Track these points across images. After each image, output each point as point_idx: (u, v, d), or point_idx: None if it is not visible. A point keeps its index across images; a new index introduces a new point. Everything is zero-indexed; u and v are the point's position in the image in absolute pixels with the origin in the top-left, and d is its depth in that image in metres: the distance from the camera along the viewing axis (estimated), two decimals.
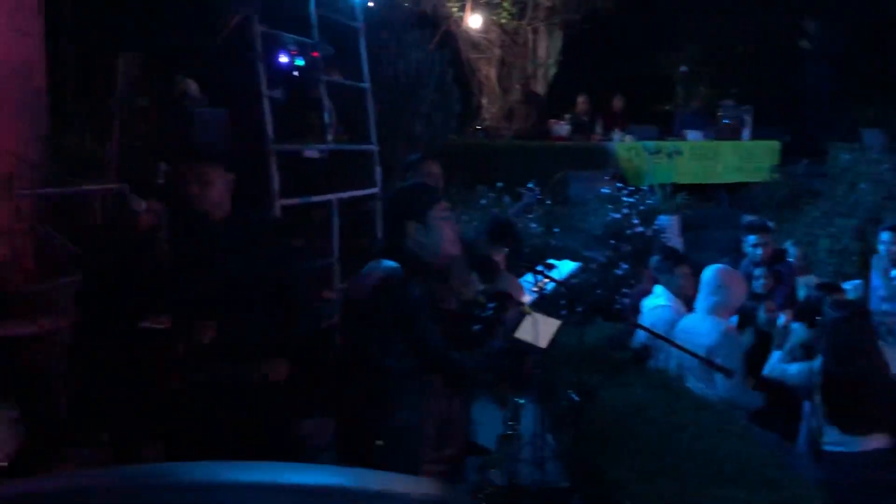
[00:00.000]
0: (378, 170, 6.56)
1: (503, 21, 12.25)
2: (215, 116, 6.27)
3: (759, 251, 5.61)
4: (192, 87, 6.77)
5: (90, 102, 5.82)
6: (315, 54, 6.07)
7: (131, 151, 5.71)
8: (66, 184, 5.56)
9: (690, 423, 3.66)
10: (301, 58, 6.12)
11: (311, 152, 6.32)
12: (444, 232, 2.72)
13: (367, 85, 6.64)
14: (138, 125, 6.03)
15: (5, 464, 2.93)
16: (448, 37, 11.41)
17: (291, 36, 6.01)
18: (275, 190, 5.23)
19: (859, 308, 4.31)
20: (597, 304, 5.90)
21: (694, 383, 4.36)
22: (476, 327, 2.84)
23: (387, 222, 3.00)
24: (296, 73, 6.21)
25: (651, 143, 10.09)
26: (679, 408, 3.87)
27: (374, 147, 6.59)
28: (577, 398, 3.62)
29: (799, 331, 4.35)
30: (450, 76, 8.90)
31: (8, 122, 5.38)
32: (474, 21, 11.79)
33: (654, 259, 5.26)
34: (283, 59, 6.02)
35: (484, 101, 12.42)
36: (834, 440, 3.92)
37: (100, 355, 3.61)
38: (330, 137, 6.22)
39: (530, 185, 7.05)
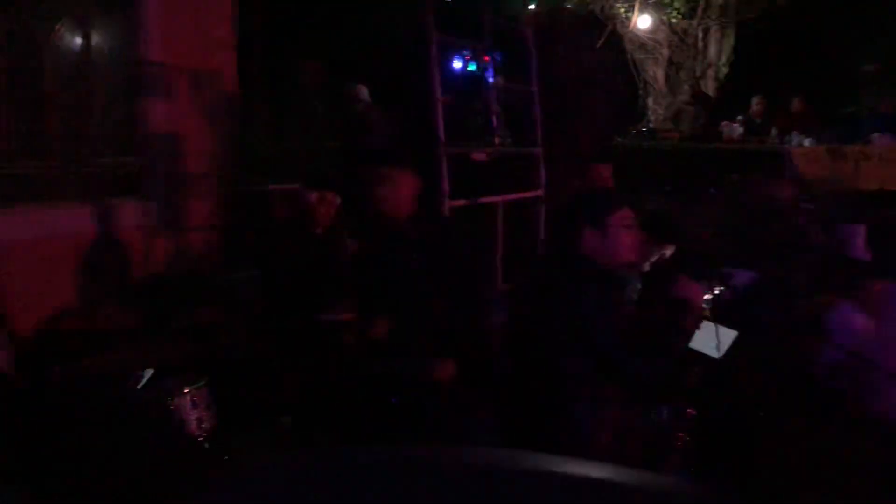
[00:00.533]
0: (542, 172, 6.57)
1: (673, 21, 11.88)
2: (385, 119, 6.51)
3: None
4: (363, 91, 7.07)
5: (274, 106, 6.21)
6: (486, 59, 6.17)
7: (312, 153, 6.04)
8: (252, 183, 5.95)
9: (880, 455, 3.40)
10: (473, 62, 6.23)
11: (479, 154, 6.42)
12: (623, 239, 2.68)
13: (534, 88, 6.66)
14: (317, 128, 6.36)
15: (204, 436, 3.18)
16: (614, 37, 11.20)
17: (464, 41, 6.14)
18: (445, 191, 5.36)
19: None
20: (774, 317, 5.61)
21: (883, 407, 4.05)
22: (653, 334, 2.77)
23: (562, 226, 3.00)
24: (467, 78, 6.33)
25: (834, 148, 9.46)
26: (869, 438, 3.61)
27: (539, 150, 6.60)
28: (751, 415, 3.45)
29: None
30: (618, 78, 8.75)
31: (203, 126, 5.83)
32: (643, 21, 11.49)
33: (837, 271, 4.96)
34: (457, 63, 6.16)
35: (650, 101, 12.11)
36: None
37: (281, 344, 3.82)
38: (497, 140, 6.30)
39: (711, 191, 6.84)
